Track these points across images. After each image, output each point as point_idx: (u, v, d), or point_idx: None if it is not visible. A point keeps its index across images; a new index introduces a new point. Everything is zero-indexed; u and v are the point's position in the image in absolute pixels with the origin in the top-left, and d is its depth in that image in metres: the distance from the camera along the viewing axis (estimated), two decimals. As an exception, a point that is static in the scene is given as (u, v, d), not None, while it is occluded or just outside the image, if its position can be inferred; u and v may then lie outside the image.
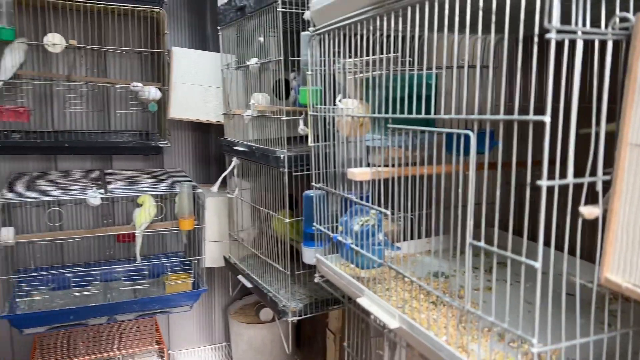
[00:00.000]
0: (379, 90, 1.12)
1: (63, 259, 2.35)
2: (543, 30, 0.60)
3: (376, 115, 1.05)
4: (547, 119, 0.59)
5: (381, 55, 1.10)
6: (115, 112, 2.33)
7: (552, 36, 0.59)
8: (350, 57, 1.18)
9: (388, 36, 1.11)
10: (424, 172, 0.98)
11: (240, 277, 1.84)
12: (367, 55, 1.10)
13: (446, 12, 0.81)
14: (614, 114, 0.64)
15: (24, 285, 2.21)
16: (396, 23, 0.97)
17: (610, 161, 0.62)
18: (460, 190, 0.80)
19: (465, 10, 0.78)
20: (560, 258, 0.99)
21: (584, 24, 0.62)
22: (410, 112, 0.95)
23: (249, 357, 2.54)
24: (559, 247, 0.75)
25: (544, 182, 0.58)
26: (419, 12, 0.91)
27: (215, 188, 2.02)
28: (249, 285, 1.76)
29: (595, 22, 0.64)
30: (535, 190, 0.61)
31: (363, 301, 0.97)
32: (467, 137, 0.78)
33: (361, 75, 1.20)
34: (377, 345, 1.28)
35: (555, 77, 0.60)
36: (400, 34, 1.10)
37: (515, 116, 0.68)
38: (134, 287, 2.30)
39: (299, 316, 1.59)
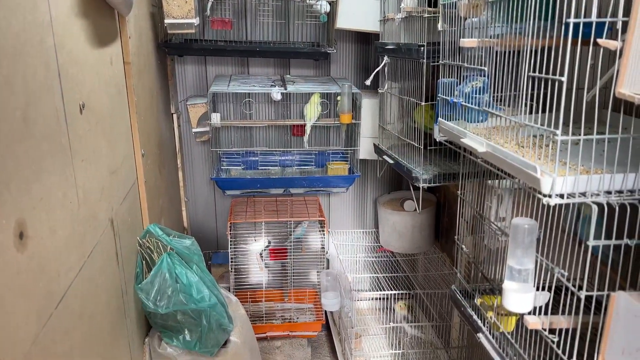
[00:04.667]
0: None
1: (252, 144, 3.01)
2: None
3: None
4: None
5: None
6: (294, 22, 2.83)
7: None
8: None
9: None
10: (524, 44, 1.23)
11: (385, 156, 2.25)
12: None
13: None
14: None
15: (224, 162, 2.93)
16: None
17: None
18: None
19: None
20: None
21: None
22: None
23: (393, 239, 2.99)
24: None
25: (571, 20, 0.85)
26: None
27: (368, 82, 2.41)
28: (390, 161, 2.16)
29: None
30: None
31: (464, 140, 1.29)
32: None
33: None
34: (489, 200, 1.57)
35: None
36: None
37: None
38: (303, 169, 2.89)
39: (429, 183, 1.95)
